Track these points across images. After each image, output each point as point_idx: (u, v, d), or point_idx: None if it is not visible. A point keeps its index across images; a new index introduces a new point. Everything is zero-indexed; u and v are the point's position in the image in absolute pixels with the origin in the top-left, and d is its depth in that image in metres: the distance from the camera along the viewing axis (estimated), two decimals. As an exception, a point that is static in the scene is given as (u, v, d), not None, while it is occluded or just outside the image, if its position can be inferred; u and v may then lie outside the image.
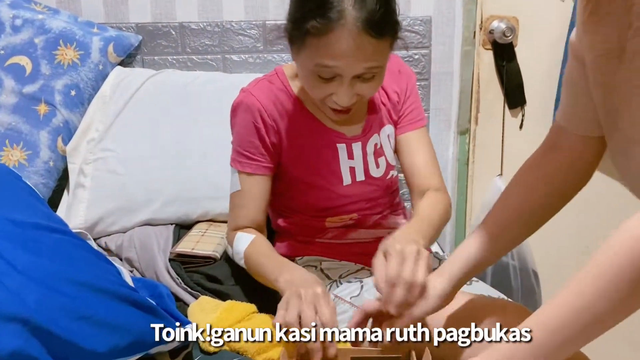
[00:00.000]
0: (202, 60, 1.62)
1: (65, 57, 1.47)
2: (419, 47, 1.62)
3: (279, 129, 1.08)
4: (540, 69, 1.67)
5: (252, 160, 1.08)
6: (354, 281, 1.08)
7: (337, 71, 0.95)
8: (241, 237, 1.08)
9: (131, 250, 1.27)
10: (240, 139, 1.09)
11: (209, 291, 1.15)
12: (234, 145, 1.11)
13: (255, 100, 1.07)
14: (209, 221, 1.40)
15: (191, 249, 1.22)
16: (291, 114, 1.09)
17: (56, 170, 1.47)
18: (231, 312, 1.05)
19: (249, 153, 1.08)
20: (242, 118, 1.08)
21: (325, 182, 1.11)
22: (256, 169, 1.08)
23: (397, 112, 1.16)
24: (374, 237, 1.17)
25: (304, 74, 1.00)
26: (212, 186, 1.39)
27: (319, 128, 1.10)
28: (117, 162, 1.41)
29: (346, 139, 1.11)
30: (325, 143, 1.10)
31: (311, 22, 0.92)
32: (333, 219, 1.15)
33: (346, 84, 0.96)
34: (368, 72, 0.96)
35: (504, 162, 1.73)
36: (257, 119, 1.06)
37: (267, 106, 1.07)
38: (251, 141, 1.07)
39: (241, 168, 1.09)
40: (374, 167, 1.14)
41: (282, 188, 1.14)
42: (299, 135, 1.09)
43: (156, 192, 1.38)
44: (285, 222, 1.17)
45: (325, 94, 0.99)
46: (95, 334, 0.75)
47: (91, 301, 0.76)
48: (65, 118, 1.46)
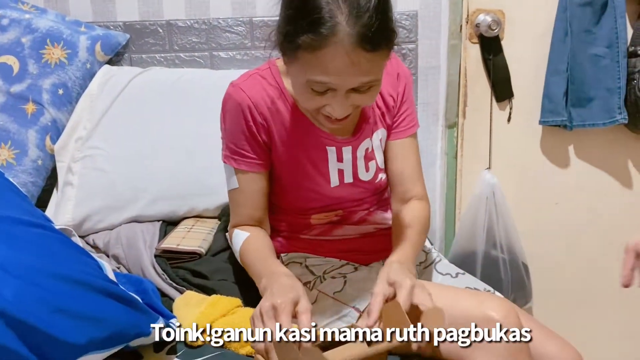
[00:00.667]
0: (189, 57, 1.63)
1: (53, 56, 1.48)
2: (406, 42, 1.62)
3: (269, 127, 1.05)
4: (527, 61, 1.68)
5: (247, 157, 1.06)
6: (337, 277, 1.08)
7: (330, 86, 0.90)
8: (237, 235, 1.08)
9: (118, 247, 1.28)
10: (231, 135, 1.06)
11: (195, 286, 1.16)
12: (226, 141, 1.07)
13: (245, 96, 1.03)
14: (196, 217, 1.41)
15: (176, 245, 1.23)
16: (282, 112, 1.05)
17: (45, 169, 1.48)
18: (215, 307, 1.05)
19: (243, 150, 1.05)
20: (233, 114, 1.04)
21: (312, 183, 1.09)
22: (252, 167, 1.06)
23: (391, 116, 1.12)
24: (359, 234, 1.16)
25: (296, 85, 0.96)
26: (198, 183, 1.40)
27: (309, 129, 1.06)
28: (105, 160, 1.42)
29: (336, 142, 1.08)
30: (315, 144, 1.07)
31: (303, 37, 0.87)
32: (319, 215, 1.14)
33: (341, 97, 0.92)
34: (364, 85, 0.91)
35: (492, 156, 1.73)
36: (247, 116, 1.03)
37: (257, 103, 1.03)
38: (243, 138, 1.04)
39: (236, 165, 1.06)
40: (363, 170, 1.12)
41: (269, 186, 1.13)
42: (289, 134, 1.06)
43: (143, 189, 1.39)
44: (270, 218, 1.17)
45: (318, 105, 0.94)
46: (73, 326, 0.75)
47: (69, 294, 0.76)
48: (53, 117, 1.47)
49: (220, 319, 1.03)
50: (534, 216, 1.78)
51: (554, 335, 1.05)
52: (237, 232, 1.08)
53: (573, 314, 1.85)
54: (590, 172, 1.74)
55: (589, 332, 1.85)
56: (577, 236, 1.79)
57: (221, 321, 1.03)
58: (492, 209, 1.68)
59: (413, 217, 1.11)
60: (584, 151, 1.74)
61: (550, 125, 1.67)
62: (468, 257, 1.71)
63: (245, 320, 1.03)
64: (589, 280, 1.82)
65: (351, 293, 1.05)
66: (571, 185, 1.75)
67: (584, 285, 1.82)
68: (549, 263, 1.81)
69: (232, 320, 1.03)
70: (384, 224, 1.18)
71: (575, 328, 1.82)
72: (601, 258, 1.79)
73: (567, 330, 1.42)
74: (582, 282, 1.82)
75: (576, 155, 1.74)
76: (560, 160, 1.75)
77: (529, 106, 1.70)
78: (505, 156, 1.74)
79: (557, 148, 1.74)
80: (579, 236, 1.79)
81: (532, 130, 1.73)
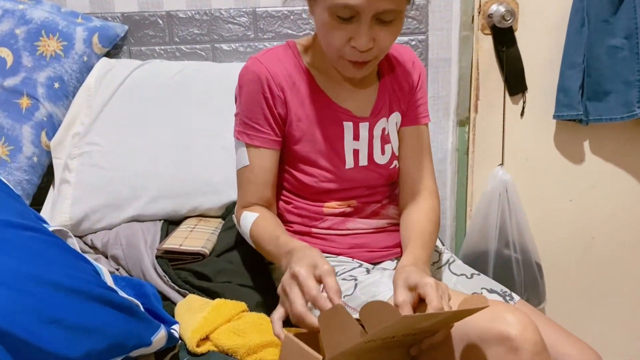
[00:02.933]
0: (190, 50, 1.57)
1: (48, 48, 1.42)
2: (416, 33, 1.56)
3: (286, 100, 1.04)
4: (542, 54, 1.61)
5: (260, 132, 1.04)
6: (348, 279, 1.03)
7: (356, 9, 0.91)
8: (247, 217, 1.04)
9: (117, 247, 1.22)
10: (246, 108, 1.04)
11: (198, 289, 1.10)
12: (239, 116, 1.06)
13: (264, 68, 1.02)
14: (199, 216, 1.35)
15: (179, 245, 1.17)
16: (300, 86, 1.05)
17: (40, 166, 1.42)
18: (220, 311, 1.00)
19: (257, 125, 1.03)
20: (249, 87, 1.03)
21: (327, 162, 1.07)
22: (264, 142, 1.04)
23: (406, 102, 1.13)
24: (372, 228, 1.13)
25: (322, 23, 0.96)
26: (201, 180, 1.34)
27: (327, 103, 1.06)
28: (103, 156, 1.36)
29: (354, 118, 1.07)
30: (332, 119, 1.06)
31: None
32: (331, 203, 1.11)
33: (365, 24, 0.93)
34: (387, 13, 0.92)
35: (505, 152, 1.68)
36: (264, 88, 1.02)
37: (275, 75, 1.03)
38: (259, 111, 1.03)
39: (249, 141, 1.04)
40: (379, 153, 1.10)
41: (282, 165, 1.10)
42: (306, 109, 1.05)
43: (143, 187, 1.33)
44: (283, 209, 1.13)
45: (343, 39, 0.95)
46: (68, 338, 0.69)
47: (63, 303, 0.70)
48: (48, 112, 1.41)
49: (224, 325, 0.98)
50: (548, 214, 1.72)
51: (574, 338, 1.01)
52: (245, 214, 1.05)
53: (587, 314, 1.80)
54: (607, 168, 1.68)
55: (604, 332, 1.80)
56: (592, 234, 1.74)
57: (225, 327, 0.97)
58: (504, 207, 1.63)
59: (424, 216, 1.08)
60: (600, 147, 1.68)
61: (565, 119, 1.62)
62: (479, 256, 1.66)
63: (251, 326, 0.99)
64: (604, 279, 1.76)
65: (361, 297, 0.99)
66: (586, 182, 1.70)
67: (599, 284, 1.77)
68: (563, 262, 1.76)
69: (237, 326, 0.97)
70: (396, 219, 1.16)
71: (589, 328, 1.78)
72: (617, 257, 1.73)
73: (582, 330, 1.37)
74: (597, 282, 1.77)
75: (592, 151, 1.68)
76: (576, 156, 1.69)
77: (543, 100, 1.64)
78: (519, 152, 1.69)
79: (572, 144, 1.68)
80: (594, 234, 1.74)
81: (547, 125, 1.67)
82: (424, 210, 1.09)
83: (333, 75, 1.08)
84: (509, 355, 0.80)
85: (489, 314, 0.87)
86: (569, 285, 1.78)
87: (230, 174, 1.19)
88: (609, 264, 1.75)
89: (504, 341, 0.81)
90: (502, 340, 0.81)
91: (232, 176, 1.12)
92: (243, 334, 0.96)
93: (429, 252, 1.03)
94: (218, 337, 0.95)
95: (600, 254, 1.75)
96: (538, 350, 0.81)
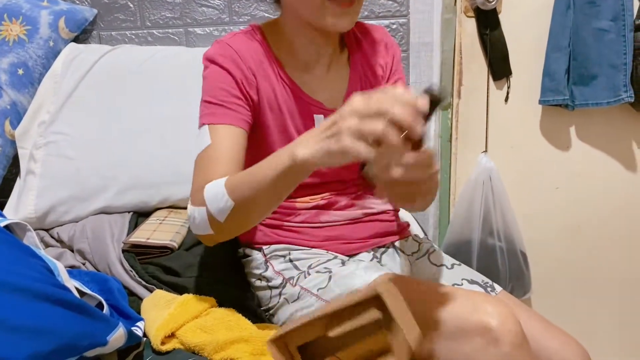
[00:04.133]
0: (163, 34, 1.51)
1: (11, 32, 1.35)
2: (397, 16, 1.51)
3: (258, 86, 0.96)
4: (527, 37, 1.56)
5: (229, 109, 0.92)
6: (322, 272, 0.99)
7: None
8: (212, 185, 0.83)
9: (83, 241, 1.17)
10: (212, 89, 0.93)
11: (165, 284, 1.06)
12: (204, 99, 0.94)
13: (234, 52, 0.95)
14: (169, 208, 1.30)
15: (146, 239, 1.12)
16: (269, 73, 0.98)
17: (5, 157, 1.36)
18: (186, 308, 0.95)
19: (225, 103, 0.92)
20: (217, 69, 0.94)
21: None
22: (233, 120, 0.91)
23: (381, 88, 1.06)
24: (347, 219, 1.08)
25: None
26: (172, 170, 1.29)
27: (297, 94, 1.00)
28: (70, 146, 1.30)
29: (325, 110, 1.02)
30: (303, 112, 1.01)
31: None
32: (304, 198, 1.06)
33: None
34: None
35: (488, 138, 1.63)
36: (234, 70, 0.94)
37: (246, 59, 0.95)
38: (227, 90, 0.93)
39: (214, 120, 0.90)
40: None
41: (249, 158, 1.02)
42: (277, 98, 0.99)
43: (112, 177, 1.28)
44: None
45: None
46: (11, 341, 0.64)
47: (5, 302, 0.65)
48: (12, 99, 1.35)
49: (191, 322, 0.93)
50: (533, 202, 1.68)
51: (557, 330, 0.98)
52: (208, 186, 0.84)
53: (573, 304, 1.77)
54: (593, 154, 1.64)
55: (590, 322, 1.77)
56: (578, 222, 1.70)
57: (192, 324, 0.93)
58: (488, 195, 1.59)
59: None
60: (587, 132, 1.64)
61: (551, 105, 1.57)
62: (463, 245, 1.62)
63: (220, 322, 0.94)
64: (590, 268, 1.73)
65: (335, 290, 0.95)
66: (572, 169, 1.66)
67: (586, 274, 1.74)
68: (549, 251, 1.72)
69: (204, 323, 0.93)
70: (372, 208, 1.11)
71: (575, 318, 1.75)
72: (604, 245, 1.70)
73: (567, 321, 1.35)
74: (584, 271, 1.74)
75: (578, 136, 1.64)
76: (561, 142, 1.65)
77: (528, 85, 1.59)
78: (503, 138, 1.64)
79: (558, 129, 1.64)
80: (580, 222, 1.70)
81: (532, 111, 1.62)
82: None
83: (301, 62, 1.02)
84: (489, 346, 0.78)
85: (469, 304, 0.84)
86: (555, 275, 1.74)
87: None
88: (597, 253, 1.71)
89: (484, 332, 0.79)
90: (482, 331, 0.79)
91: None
92: (210, 331, 0.92)
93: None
94: (184, 334, 0.91)
95: (587, 242, 1.71)
96: (518, 342, 0.79)
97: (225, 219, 0.83)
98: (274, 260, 1.05)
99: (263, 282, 1.05)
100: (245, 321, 0.94)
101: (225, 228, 0.84)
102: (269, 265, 1.05)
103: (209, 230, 0.86)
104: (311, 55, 1.02)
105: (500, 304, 0.82)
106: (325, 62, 1.03)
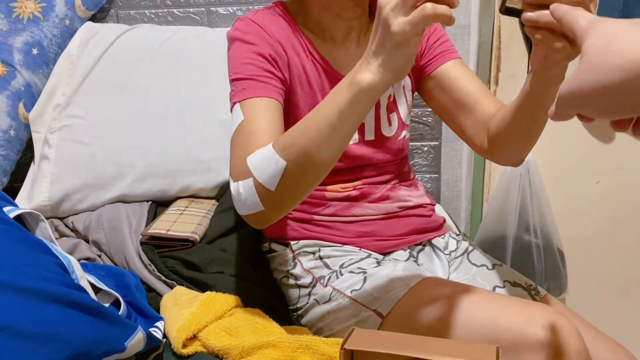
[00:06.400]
0: (184, 14, 1.43)
1: (25, 9, 1.28)
2: (432, -3, 1.42)
3: (289, 63, 0.90)
4: (571, 20, 1.46)
5: (261, 82, 0.85)
6: (356, 272, 0.91)
7: None
8: (255, 153, 0.77)
9: (99, 231, 1.11)
10: (239, 66, 0.86)
11: (186, 280, 0.99)
12: (232, 78, 0.87)
13: (259, 27, 0.89)
14: (190, 197, 1.23)
15: (166, 231, 1.05)
16: (299, 51, 0.92)
17: (18, 141, 1.29)
18: (209, 307, 0.89)
19: (255, 77, 0.85)
20: (243, 46, 0.87)
21: None
22: (267, 92, 0.84)
23: (417, 58, 0.99)
24: (381, 214, 1.01)
25: None
26: (192, 157, 1.22)
27: (328, 71, 0.94)
28: (86, 130, 1.24)
29: None
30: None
31: None
32: (335, 187, 0.99)
33: None
34: None
35: (527, 128, 1.54)
36: (263, 46, 0.87)
37: (273, 34, 0.89)
38: (256, 65, 0.86)
39: (246, 95, 0.83)
40: (385, 124, 1.00)
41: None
42: (306, 75, 0.93)
43: (129, 164, 1.21)
44: None
45: None
46: (20, 348, 0.58)
47: (13, 306, 0.59)
48: (26, 80, 1.28)
49: (214, 323, 0.87)
50: (572, 196, 1.60)
51: (608, 339, 0.90)
52: (252, 155, 0.76)
53: (612, 305, 1.68)
54: (636, 148, 1.54)
55: (630, 324, 1.68)
56: (619, 219, 1.61)
57: (215, 325, 0.86)
58: (525, 188, 1.50)
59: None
60: (632, 123, 1.54)
61: (595, 94, 1.47)
62: (497, 242, 1.54)
63: (245, 324, 0.87)
64: (631, 268, 1.64)
65: (371, 293, 0.88)
66: (614, 163, 1.56)
67: (626, 273, 1.65)
68: (587, 249, 1.64)
69: (228, 324, 0.86)
70: (408, 202, 1.03)
71: (614, 320, 1.67)
72: (645, 244, 1.61)
73: (606, 323, 1.26)
74: (624, 270, 1.65)
75: (622, 128, 1.55)
76: (604, 133, 1.55)
77: (570, 73, 1.49)
78: (542, 129, 1.55)
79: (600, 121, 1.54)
80: (621, 219, 1.61)
81: (574, 100, 1.53)
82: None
83: (329, 38, 0.95)
84: None
85: (522, 315, 0.75)
86: (593, 274, 1.66)
87: (226, 150, 1.06)
88: (637, 251, 1.63)
89: (542, 349, 0.69)
90: (540, 347, 0.70)
91: (227, 153, 0.99)
92: (236, 334, 0.85)
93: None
94: (207, 337, 0.84)
95: (628, 240, 1.63)
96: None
97: (277, 185, 0.73)
98: (303, 257, 0.98)
99: (291, 279, 0.98)
100: (272, 324, 0.87)
101: (278, 198, 0.75)
102: (297, 262, 0.98)
103: (258, 207, 0.76)
104: (340, 30, 0.95)
105: (560, 316, 0.73)
106: (355, 37, 0.96)
